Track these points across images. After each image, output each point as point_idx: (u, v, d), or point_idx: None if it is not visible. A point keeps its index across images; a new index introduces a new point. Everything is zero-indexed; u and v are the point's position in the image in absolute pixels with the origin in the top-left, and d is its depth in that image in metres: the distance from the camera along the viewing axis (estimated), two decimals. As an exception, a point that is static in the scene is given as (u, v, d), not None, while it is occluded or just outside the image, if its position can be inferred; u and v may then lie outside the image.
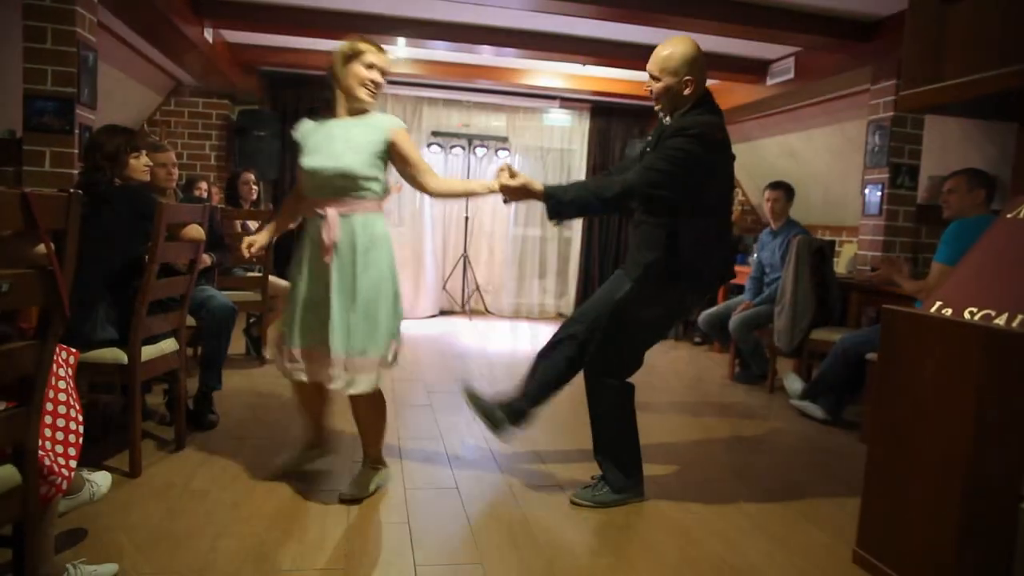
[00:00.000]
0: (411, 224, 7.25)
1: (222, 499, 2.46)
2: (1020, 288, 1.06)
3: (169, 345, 2.82)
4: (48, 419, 1.65)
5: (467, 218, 7.28)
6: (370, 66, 2.43)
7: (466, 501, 2.58)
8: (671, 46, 2.47)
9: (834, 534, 2.40)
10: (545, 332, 6.64)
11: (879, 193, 4.85)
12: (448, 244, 7.51)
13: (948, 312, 1.15)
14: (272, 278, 4.66)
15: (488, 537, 2.30)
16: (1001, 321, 1.05)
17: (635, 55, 5.34)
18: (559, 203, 2.42)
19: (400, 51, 5.76)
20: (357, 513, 2.41)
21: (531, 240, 7.73)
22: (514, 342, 6.20)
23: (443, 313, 7.43)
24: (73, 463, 1.68)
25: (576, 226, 7.71)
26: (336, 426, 3.12)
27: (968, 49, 1.09)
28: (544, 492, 2.71)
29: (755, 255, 4.96)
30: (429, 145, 7.14)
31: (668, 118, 2.51)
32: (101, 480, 2.05)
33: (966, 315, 1.10)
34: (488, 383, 4.47)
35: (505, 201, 2.56)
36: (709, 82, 6.53)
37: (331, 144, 2.40)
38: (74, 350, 1.86)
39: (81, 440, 1.73)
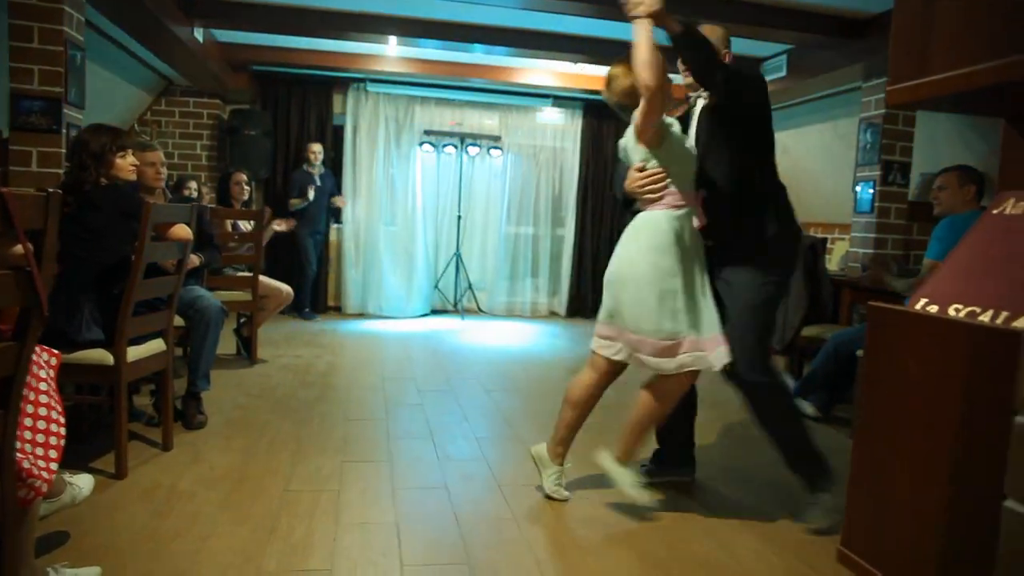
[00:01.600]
0: (403, 223, 7.23)
1: (209, 500, 2.45)
2: (1004, 285, 1.05)
3: (156, 346, 2.80)
4: (28, 422, 1.64)
5: (460, 217, 7.26)
6: None
7: (454, 500, 2.57)
8: (709, 26, 2.50)
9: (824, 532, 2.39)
10: (537, 331, 6.64)
11: (871, 190, 4.86)
12: (440, 243, 7.50)
13: (934, 309, 1.13)
14: (262, 278, 4.64)
15: (476, 536, 2.29)
16: (986, 318, 1.03)
17: (624, 54, 5.33)
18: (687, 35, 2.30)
19: (391, 50, 5.75)
20: (345, 513, 2.40)
21: (523, 238, 7.72)
22: (506, 341, 6.18)
23: (435, 312, 7.41)
24: (54, 466, 1.66)
25: (569, 224, 7.70)
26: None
27: (955, 42, 1.08)
28: (533, 489, 2.70)
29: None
30: (421, 144, 7.12)
31: (700, 98, 2.55)
32: (83, 483, 2.03)
33: (951, 312, 1.09)
34: (480, 384, 4.46)
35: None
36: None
37: None
38: (56, 352, 1.84)
39: (63, 443, 1.71)
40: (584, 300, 7.76)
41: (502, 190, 7.55)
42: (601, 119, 7.41)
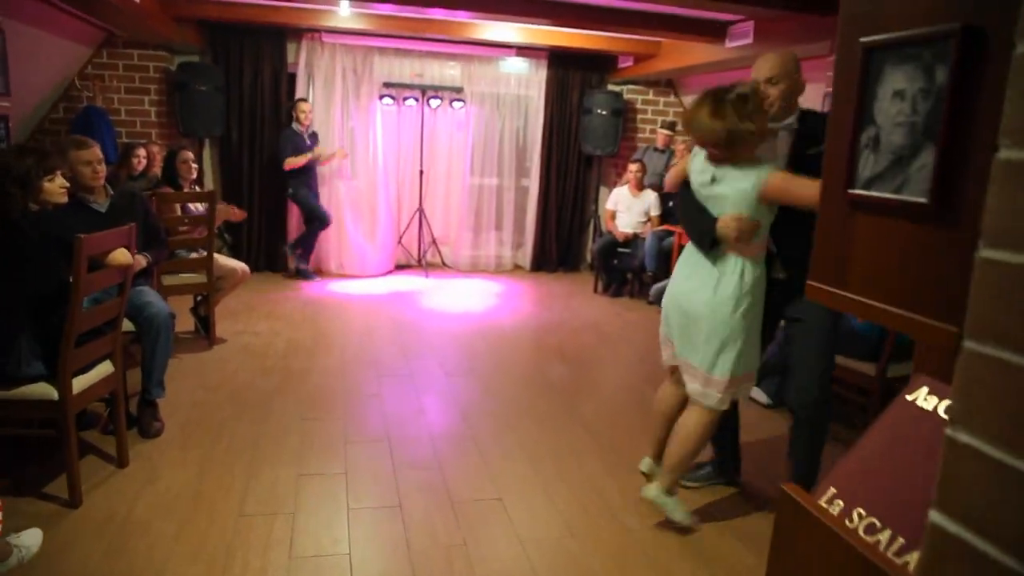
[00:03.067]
0: (364, 178, 7.07)
1: (164, 531, 2.49)
2: (906, 497, 1.05)
3: (104, 370, 2.77)
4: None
5: (422, 172, 7.12)
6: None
7: (407, 522, 2.63)
8: (778, 53, 2.52)
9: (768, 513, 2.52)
10: (501, 291, 6.65)
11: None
12: (403, 198, 7.38)
13: (839, 506, 1.13)
14: (218, 257, 4.56)
15: (426, 565, 2.37)
16: (884, 538, 1.04)
17: (587, 16, 5.16)
18: None
19: (343, 11, 5.46)
20: (299, 542, 2.46)
21: (487, 189, 7.61)
22: (469, 305, 6.20)
23: (399, 268, 7.37)
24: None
25: (534, 174, 7.60)
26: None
27: (869, 269, 1.04)
28: (484, 504, 2.79)
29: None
30: (382, 97, 6.88)
31: (783, 130, 2.55)
32: (30, 540, 2.05)
33: (855, 516, 1.09)
34: (440, 365, 4.49)
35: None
36: (668, 40, 6.31)
37: None
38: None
39: (0, 525, 1.72)
40: (548, 253, 7.76)
41: (465, 141, 7.39)
42: (566, 69, 7.19)
